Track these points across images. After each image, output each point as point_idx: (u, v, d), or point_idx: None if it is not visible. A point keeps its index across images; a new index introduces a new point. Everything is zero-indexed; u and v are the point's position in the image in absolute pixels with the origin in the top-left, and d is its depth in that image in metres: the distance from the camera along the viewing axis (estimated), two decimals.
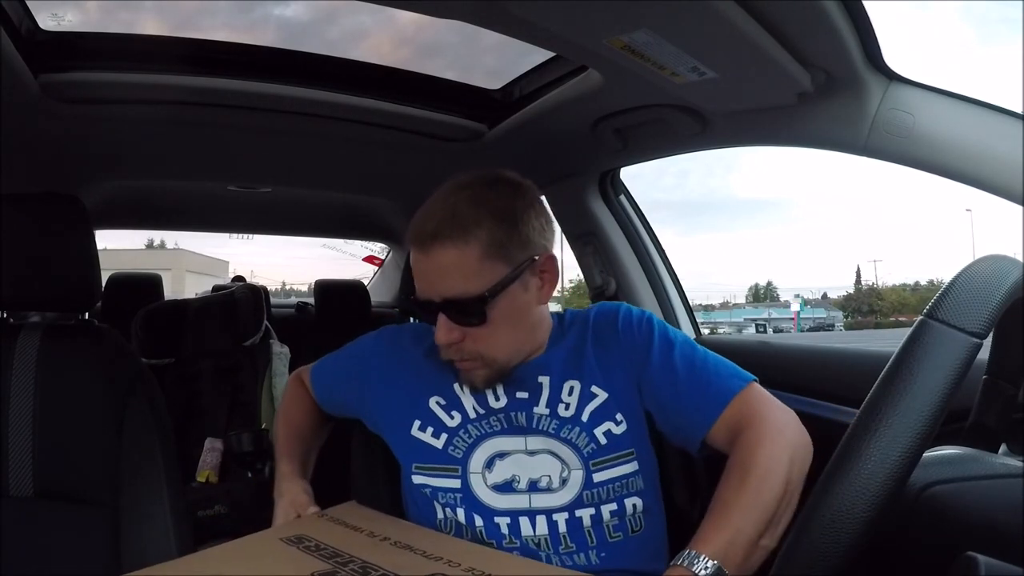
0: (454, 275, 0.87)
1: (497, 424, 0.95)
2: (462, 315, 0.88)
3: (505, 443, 0.93)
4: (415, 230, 0.89)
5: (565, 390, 0.95)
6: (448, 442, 0.95)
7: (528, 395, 0.95)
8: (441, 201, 0.91)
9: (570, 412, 0.94)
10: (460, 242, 0.86)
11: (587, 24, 0.93)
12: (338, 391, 1.11)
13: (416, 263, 0.90)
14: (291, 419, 1.12)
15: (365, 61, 1.49)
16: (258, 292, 2.35)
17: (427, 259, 0.88)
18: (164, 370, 2.15)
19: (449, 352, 0.92)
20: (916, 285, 39.78)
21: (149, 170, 1.95)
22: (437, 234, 0.87)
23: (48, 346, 1.10)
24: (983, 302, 0.50)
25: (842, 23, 0.91)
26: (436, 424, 0.96)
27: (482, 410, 0.96)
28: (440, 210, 0.89)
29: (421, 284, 0.90)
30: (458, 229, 0.87)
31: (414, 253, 0.90)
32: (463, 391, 0.97)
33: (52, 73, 1.30)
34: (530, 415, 0.94)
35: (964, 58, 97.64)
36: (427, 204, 0.92)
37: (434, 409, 0.97)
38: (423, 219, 0.90)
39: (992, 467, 0.60)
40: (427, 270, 0.89)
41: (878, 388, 0.51)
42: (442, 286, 0.88)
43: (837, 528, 0.48)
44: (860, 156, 1.10)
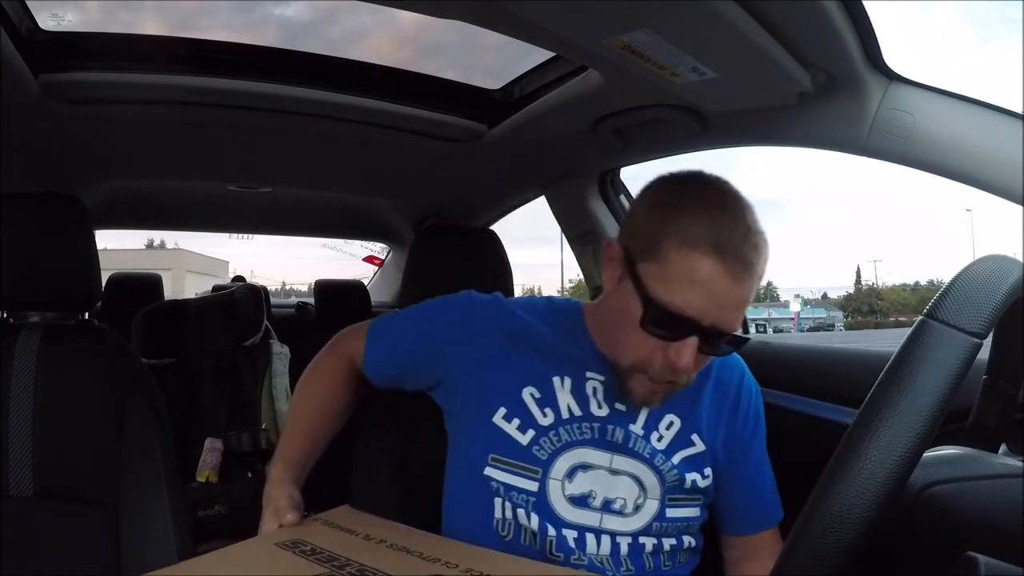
0: (742, 308, 0.81)
1: (588, 432, 0.89)
2: (719, 348, 0.82)
3: (591, 455, 0.89)
4: (727, 244, 0.77)
5: (664, 422, 0.92)
6: (534, 441, 0.89)
7: (627, 410, 0.90)
8: (751, 222, 0.81)
9: (662, 446, 0.91)
10: (757, 276, 0.80)
11: (587, 24, 0.93)
12: (404, 355, 0.99)
13: (710, 282, 0.77)
14: (307, 406, 1.01)
15: (365, 61, 1.49)
16: (258, 292, 2.35)
17: (736, 287, 0.78)
18: (164, 370, 2.14)
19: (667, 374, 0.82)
20: (916, 285, 39.76)
21: (149, 170, 1.95)
22: (753, 265, 0.79)
23: (48, 346, 1.10)
24: (983, 302, 0.50)
25: (842, 23, 0.91)
26: (525, 418, 0.89)
27: (579, 413, 0.90)
28: (754, 236, 0.80)
29: (704, 305, 0.78)
30: (762, 263, 0.80)
31: (714, 269, 0.77)
32: (562, 386, 0.90)
33: (52, 73, 1.30)
34: (627, 433, 0.90)
35: (964, 58, 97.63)
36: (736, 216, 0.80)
37: (526, 401, 0.90)
38: (742, 239, 0.79)
39: (992, 467, 0.60)
40: (728, 296, 0.78)
41: (878, 388, 0.51)
42: (728, 316, 0.80)
43: (837, 528, 0.48)
44: (860, 156, 1.10)
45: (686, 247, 0.78)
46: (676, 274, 0.78)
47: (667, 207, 0.82)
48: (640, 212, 0.86)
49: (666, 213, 0.81)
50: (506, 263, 1.46)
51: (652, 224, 0.82)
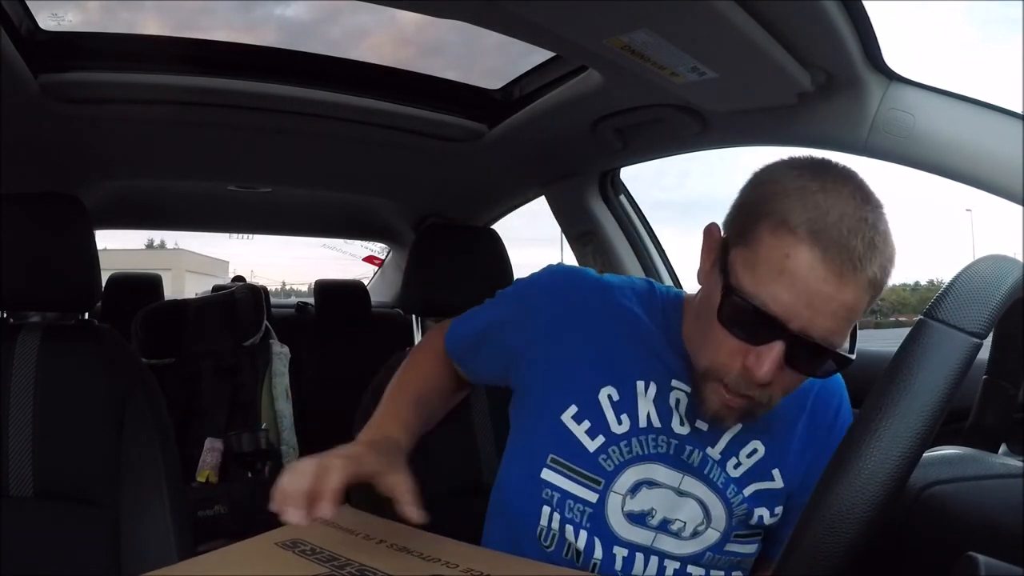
0: (845, 319, 0.66)
1: (664, 447, 0.79)
2: (812, 362, 0.69)
3: (660, 472, 0.78)
4: (831, 233, 0.64)
5: (747, 449, 0.80)
6: (602, 449, 0.78)
7: (708, 430, 0.79)
8: (872, 217, 0.66)
9: (736, 473, 0.80)
10: (869, 285, 0.66)
11: (587, 24, 0.93)
12: (490, 325, 0.89)
13: (805, 276, 0.64)
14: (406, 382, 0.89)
15: (365, 61, 1.49)
16: (258, 292, 2.35)
17: (838, 286, 0.64)
18: (164, 370, 2.15)
19: (743, 384, 0.70)
20: (916, 285, 39.67)
21: (149, 170, 1.95)
22: (863, 264, 0.64)
23: (48, 346, 1.10)
24: (983, 302, 0.50)
25: (842, 23, 0.91)
26: (597, 421, 0.79)
27: (658, 425, 0.79)
28: (871, 232, 0.65)
29: (793, 302, 0.65)
30: (875, 267, 0.65)
31: (811, 260, 0.64)
32: (645, 393, 0.79)
33: (52, 73, 1.30)
34: (704, 457, 0.79)
35: (965, 58, 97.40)
36: (851, 205, 0.66)
37: (603, 403, 0.79)
38: (852, 230, 0.64)
39: (992, 467, 0.59)
40: (825, 297, 0.64)
41: (878, 388, 0.50)
42: (823, 324, 0.65)
43: (837, 528, 0.48)
44: (860, 156, 1.10)
45: (782, 230, 0.66)
46: (766, 260, 0.66)
47: (770, 184, 0.70)
48: (743, 193, 0.74)
49: (767, 191, 0.69)
50: (506, 263, 1.46)
51: (750, 203, 0.71)
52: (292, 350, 2.34)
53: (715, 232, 0.76)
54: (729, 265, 0.70)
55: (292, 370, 2.31)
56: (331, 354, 2.53)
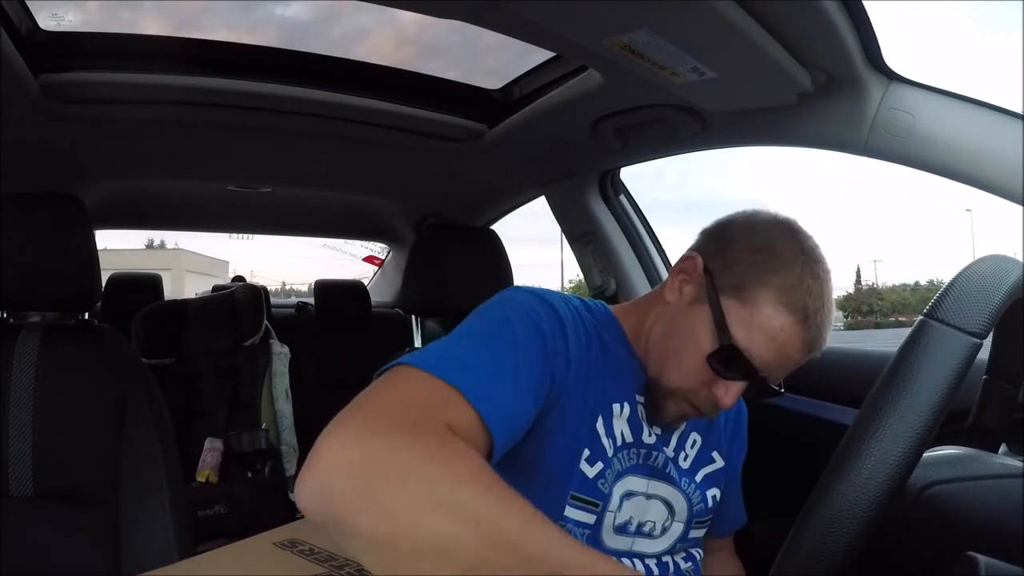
0: (792, 370, 0.82)
1: (634, 459, 0.85)
2: (757, 393, 0.83)
3: (635, 483, 0.85)
4: (817, 320, 0.79)
5: (689, 440, 0.91)
6: (600, 474, 0.81)
7: (661, 432, 0.88)
8: (831, 304, 0.83)
9: (687, 465, 0.90)
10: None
11: (587, 24, 0.93)
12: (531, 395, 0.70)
13: (787, 345, 0.78)
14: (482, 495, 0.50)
15: (366, 61, 1.49)
16: (258, 292, 2.35)
17: (803, 356, 0.80)
18: (164, 370, 2.15)
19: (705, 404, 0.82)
20: (916, 285, 39.67)
21: (149, 170, 1.95)
22: (823, 344, 0.82)
23: (48, 346, 1.10)
24: (983, 302, 0.50)
25: (842, 23, 0.91)
26: (595, 449, 0.81)
27: (631, 439, 0.85)
28: (830, 316, 0.82)
29: (774, 366, 0.79)
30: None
31: (795, 333, 0.78)
32: (620, 413, 0.84)
33: (52, 73, 1.30)
34: (665, 459, 0.88)
35: (965, 58, 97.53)
36: (826, 291, 0.81)
37: (599, 431, 0.82)
38: (826, 317, 0.81)
39: (992, 467, 0.60)
40: (793, 361, 0.80)
41: (878, 388, 0.51)
42: (780, 374, 0.81)
43: (837, 528, 0.48)
44: (860, 156, 1.10)
45: (781, 306, 0.78)
46: (762, 326, 0.78)
47: (772, 255, 0.80)
48: (740, 246, 0.82)
49: (770, 262, 0.79)
50: (506, 263, 1.46)
51: (752, 265, 0.79)
52: (292, 350, 2.34)
53: (697, 263, 0.83)
54: (724, 315, 0.79)
55: (292, 370, 2.31)
56: (331, 354, 2.53)
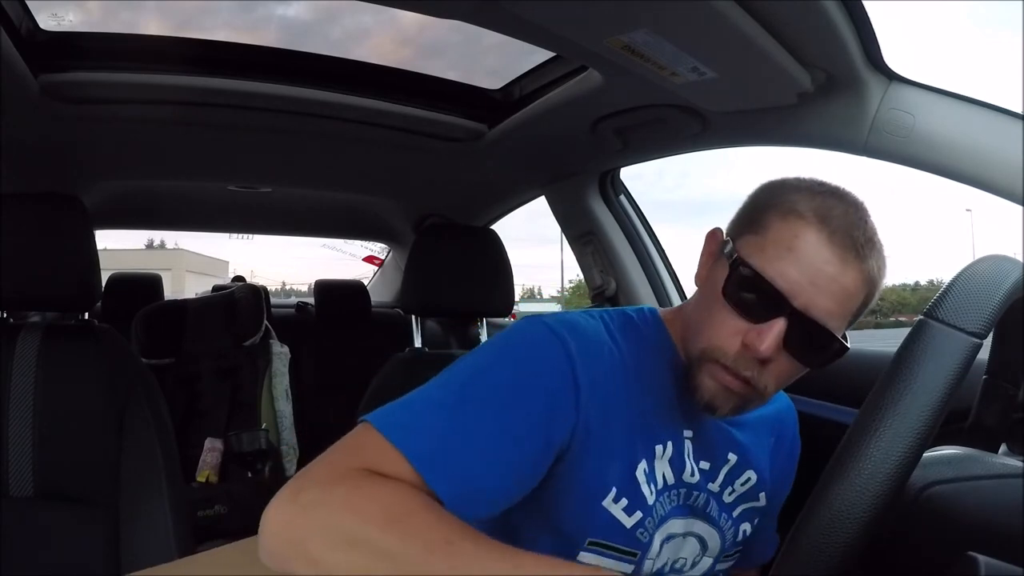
0: (842, 303, 0.69)
1: (675, 499, 0.78)
2: (809, 346, 0.70)
3: (676, 525, 0.79)
4: (835, 219, 0.68)
5: (742, 478, 0.83)
6: (640, 523, 0.74)
7: (710, 467, 0.80)
8: (869, 221, 0.72)
9: (730, 499, 0.83)
10: (866, 276, 0.69)
11: (587, 24, 0.93)
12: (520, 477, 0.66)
13: (810, 253, 0.68)
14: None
15: (366, 61, 1.49)
16: (258, 292, 2.35)
17: (840, 268, 0.68)
18: (164, 370, 2.15)
19: (743, 364, 0.69)
20: (916, 285, 39.64)
21: (149, 170, 1.95)
22: (864, 253, 0.69)
23: (48, 346, 1.10)
24: (983, 302, 0.50)
25: (842, 23, 0.91)
26: (635, 497, 0.73)
27: (672, 481, 0.77)
28: (870, 231, 0.71)
29: (798, 277, 0.67)
30: (872, 260, 0.70)
31: (817, 240, 0.68)
32: (662, 455, 0.75)
33: (52, 73, 1.30)
34: (708, 497, 0.80)
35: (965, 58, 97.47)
36: (852, 206, 0.71)
37: (639, 479, 0.74)
38: (854, 224, 0.69)
39: (992, 467, 0.60)
40: (828, 276, 0.67)
41: (878, 388, 0.51)
42: (824, 303, 0.67)
43: (837, 528, 0.48)
44: (860, 156, 1.10)
45: (791, 215, 0.70)
46: (774, 241, 0.69)
47: (779, 185, 0.75)
48: (751, 196, 0.77)
49: (775, 189, 0.74)
50: (506, 263, 1.46)
51: (759, 199, 0.75)
52: (292, 350, 2.34)
53: (718, 235, 0.78)
54: (737, 250, 0.72)
55: (292, 370, 2.32)
56: (331, 354, 2.53)
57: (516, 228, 2.84)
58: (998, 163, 0.96)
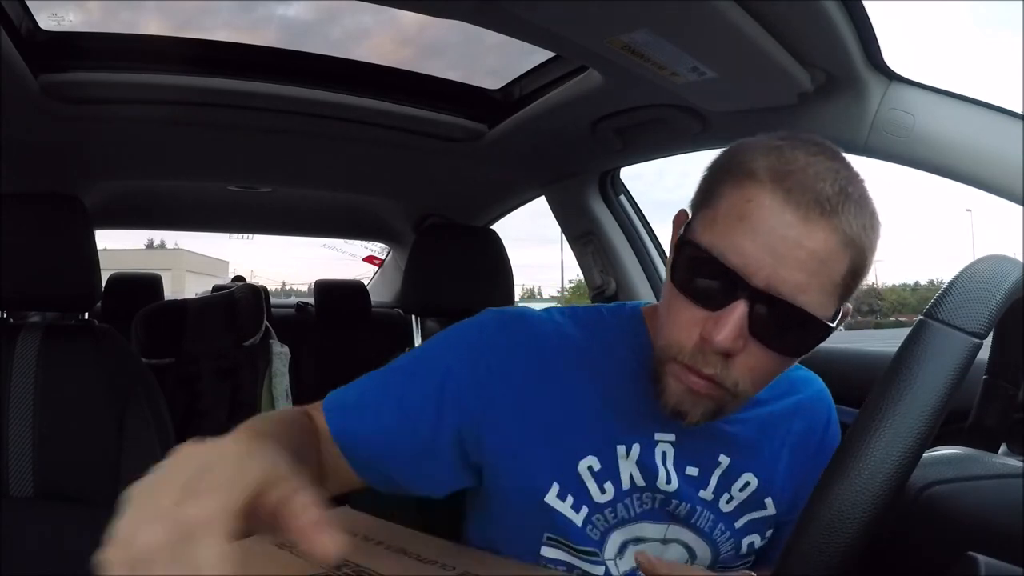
0: (816, 273, 0.57)
1: (648, 503, 0.72)
2: (781, 329, 0.59)
3: (647, 529, 0.73)
4: (794, 174, 0.57)
5: (739, 483, 0.74)
6: (587, 519, 0.71)
7: (698, 473, 0.73)
8: (844, 170, 0.60)
9: (729, 508, 0.74)
10: (844, 238, 0.57)
11: (587, 24, 0.93)
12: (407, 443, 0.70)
13: (766, 217, 0.57)
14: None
15: (366, 61, 1.49)
16: (258, 292, 2.35)
17: (805, 230, 0.56)
18: (164, 370, 2.15)
19: (703, 360, 0.61)
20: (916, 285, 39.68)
21: (149, 170, 1.95)
22: (834, 209, 0.56)
23: (48, 346, 1.10)
24: (983, 302, 0.50)
25: (842, 23, 0.91)
26: (580, 495, 0.70)
27: (643, 483, 0.71)
28: (844, 181, 0.58)
29: (753, 249, 0.57)
30: (851, 217, 0.57)
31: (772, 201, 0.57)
32: (627, 456, 0.71)
33: (52, 73, 1.30)
34: (693, 506, 0.72)
35: (965, 58, 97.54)
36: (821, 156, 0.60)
37: (583, 476, 0.70)
38: (820, 176, 0.57)
39: (992, 467, 0.59)
40: (791, 242, 0.56)
41: (878, 388, 0.50)
42: (790, 275, 0.57)
43: (836, 528, 0.48)
44: (860, 156, 1.10)
45: (744, 178, 0.59)
46: (726, 212, 0.59)
47: (736, 147, 0.64)
48: (712, 168, 0.66)
49: (732, 151, 0.64)
50: (506, 263, 1.46)
51: (713, 167, 0.65)
52: (292, 350, 2.34)
53: (682, 217, 0.68)
54: (689, 229, 0.64)
55: (292, 370, 2.32)
56: (331, 354, 2.53)
57: (516, 228, 2.85)
58: (998, 163, 0.96)
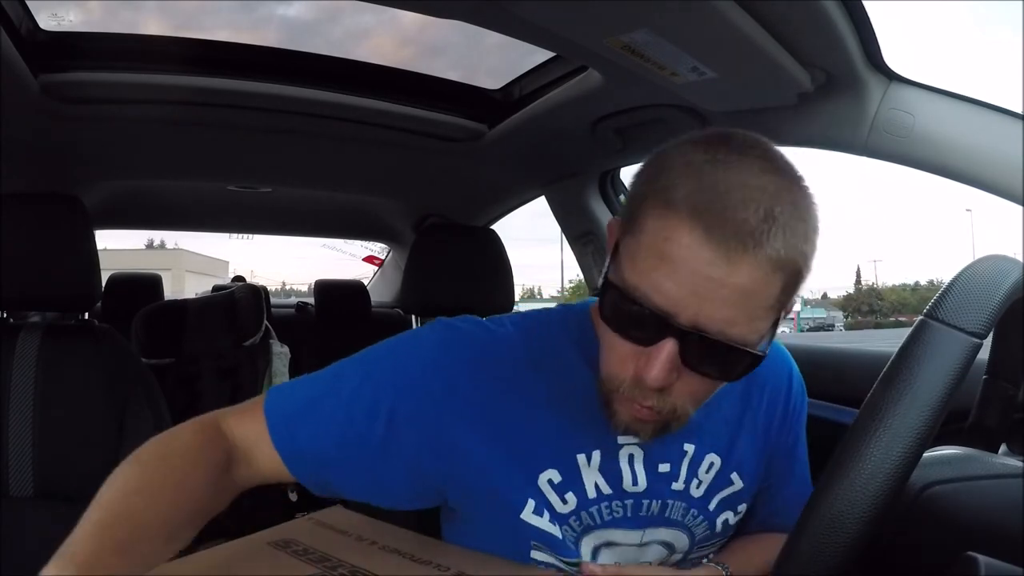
0: (745, 307, 0.56)
1: (620, 511, 0.71)
2: (713, 361, 0.59)
3: (618, 535, 0.72)
4: (716, 207, 0.55)
5: (704, 465, 0.75)
6: (563, 531, 0.71)
7: (670, 467, 0.73)
8: (773, 188, 0.56)
9: (700, 492, 0.75)
10: (775, 262, 0.55)
11: (587, 24, 0.93)
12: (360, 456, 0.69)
13: (688, 258, 0.55)
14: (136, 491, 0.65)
15: (366, 61, 1.49)
16: (258, 292, 2.35)
17: (728, 269, 0.54)
18: (164, 370, 2.15)
19: (640, 393, 0.61)
20: (916, 285, 39.75)
21: (149, 170, 1.95)
22: (760, 240, 0.54)
23: (48, 346, 1.10)
24: (983, 302, 0.50)
25: (842, 23, 0.91)
26: (548, 508, 0.70)
27: (608, 491, 0.70)
28: (766, 200, 0.55)
29: (677, 291, 0.56)
30: (780, 239, 0.55)
31: (692, 240, 0.55)
32: (588, 464, 0.69)
33: (52, 73, 1.30)
34: (665, 502, 0.73)
35: (965, 58, 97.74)
36: (746, 174, 0.56)
37: (544, 490, 0.69)
38: (744, 203, 0.55)
39: (992, 467, 0.59)
40: (714, 282, 0.55)
41: (878, 388, 0.50)
42: (717, 313, 0.56)
43: (837, 528, 0.48)
44: (860, 156, 1.10)
45: (664, 208, 0.57)
46: (647, 247, 0.57)
47: (659, 160, 0.61)
48: (634, 176, 0.64)
49: (655, 165, 0.61)
50: (506, 263, 1.46)
51: (636, 185, 0.62)
52: (292, 350, 2.34)
53: (614, 228, 0.65)
54: (617, 259, 0.62)
55: (292, 370, 2.31)
56: (331, 354, 2.49)
57: (516, 228, 2.85)
58: (998, 163, 0.96)
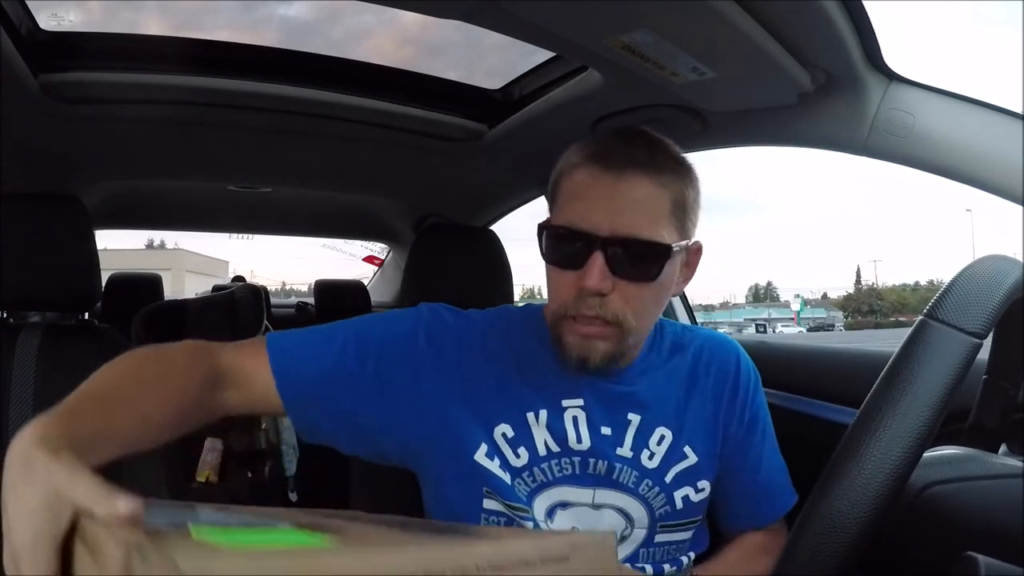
0: (645, 212, 0.74)
1: (569, 468, 0.81)
2: (635, 261, 0.74)
3: (571, 493, 0.82)
4: (602, 149, 0.76)
5: (655, 437, 0.84)
6: (513, 480, 0.81)
7: (611, 431, 0.83)
8: (631, 134, 0.79)
9: (653, 464, 0.83)
10: (657, 181, 0.75)
11: (587, 24, 0.93)
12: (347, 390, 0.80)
13: (592, 186, 0.75)
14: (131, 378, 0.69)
15: (366, 61, 1.49)
16: (258, 292, 2.35)
17: (616, 183, 0.73)
18: None
19: (585, 305, 0.75)
20: (916, 285, 39.75)
21: (149, 170, 1.95)
22: (635, 160, 0.74)
23: (48, 346, 1.10)
24: (983, 302, 0.50)
25: (842, 23, 0.91)
26: (501, 457, 0.81)
27: (557, 448, 0.81)
28: (638, 141, 0.77)
29: (592, 212, 0.74)
30: (656, 167, 0.75)
31: (592, 174, 0.75)
32: (537, 422, 0.81)
33: (52, 73, 1.30)
34: (611, 464, 0.82)
35: (965, 57, 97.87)
36: (634, 135, 0.79)
37: (499, 442, 0.81)
38: (614, 142, 0.77)
39: (992, 467, 0.60)
40: (611, 195, 0.73)
41: (878, 388, 0.51)
42: (625, 220, 0.73)
43: (837, 528, 0.48)
44: (860, 156, 1.10)
45: (571, 169, 0.78)
46: (565, 196, 0.78)
47: (566, 153, 0.82)
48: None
49: (562, 158, 0.82)
50: (506, 263, 1.46)
51: (553, 177, 0.83)
52: None
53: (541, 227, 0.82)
54: (545, 221, 0.80)
55: None
56: None
57: (516, 228, 2.85)
58: (998, 163, 0.96)
